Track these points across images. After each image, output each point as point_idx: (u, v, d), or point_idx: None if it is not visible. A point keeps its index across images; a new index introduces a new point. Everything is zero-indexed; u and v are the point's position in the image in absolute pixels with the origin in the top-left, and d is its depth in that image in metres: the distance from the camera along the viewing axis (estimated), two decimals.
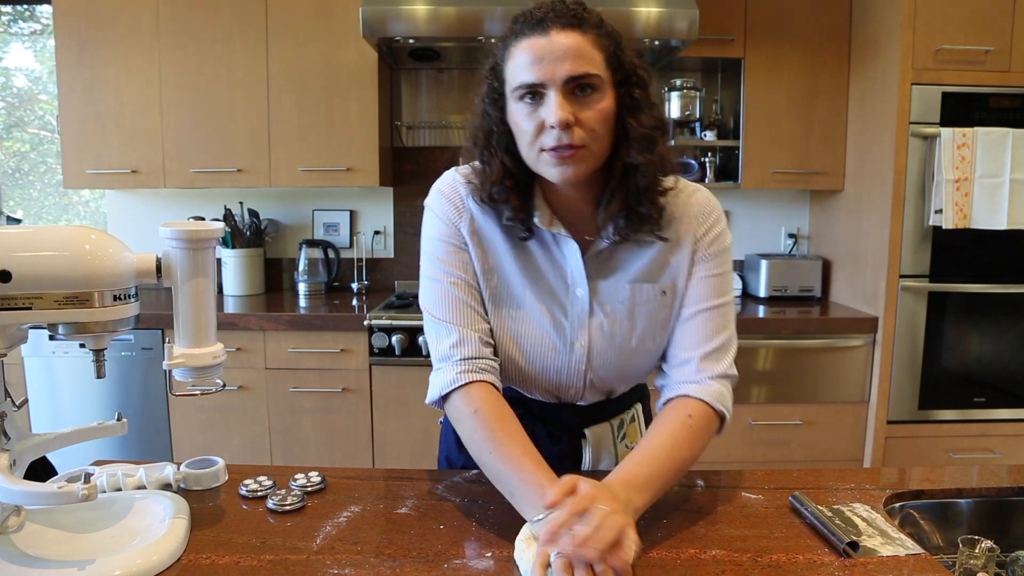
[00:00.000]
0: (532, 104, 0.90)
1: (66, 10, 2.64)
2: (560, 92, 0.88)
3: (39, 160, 3.44)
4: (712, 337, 1.01)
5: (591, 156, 0.92)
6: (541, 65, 0.88)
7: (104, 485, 1.01)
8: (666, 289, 1.02)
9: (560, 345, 1.03)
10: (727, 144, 2.85)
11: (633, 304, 1.02)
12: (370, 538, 0.91)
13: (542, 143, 0.91)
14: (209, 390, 0.96)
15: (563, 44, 0.88)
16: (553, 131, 0.89)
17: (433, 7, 2.37)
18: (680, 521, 0.96)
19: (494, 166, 0.97)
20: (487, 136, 0.98)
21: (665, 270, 1.02)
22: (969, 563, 0.90)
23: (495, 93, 0.96)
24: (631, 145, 0.92)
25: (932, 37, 2.35)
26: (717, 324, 1.02)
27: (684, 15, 2.39)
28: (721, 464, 2.60)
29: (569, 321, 1.02)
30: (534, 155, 0.93)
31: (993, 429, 2.53)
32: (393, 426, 2.54)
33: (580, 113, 0.89)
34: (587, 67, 0.88)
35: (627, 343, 1.03)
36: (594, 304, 1.02)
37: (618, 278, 1.02)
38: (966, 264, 2.45)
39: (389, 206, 3.10)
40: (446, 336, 1.00)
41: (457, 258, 1.02)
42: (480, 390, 0.96)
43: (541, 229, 1.00)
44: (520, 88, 0.90)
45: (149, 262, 0.87)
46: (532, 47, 0.89)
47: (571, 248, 1.00)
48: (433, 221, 1.05)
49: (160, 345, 2.53)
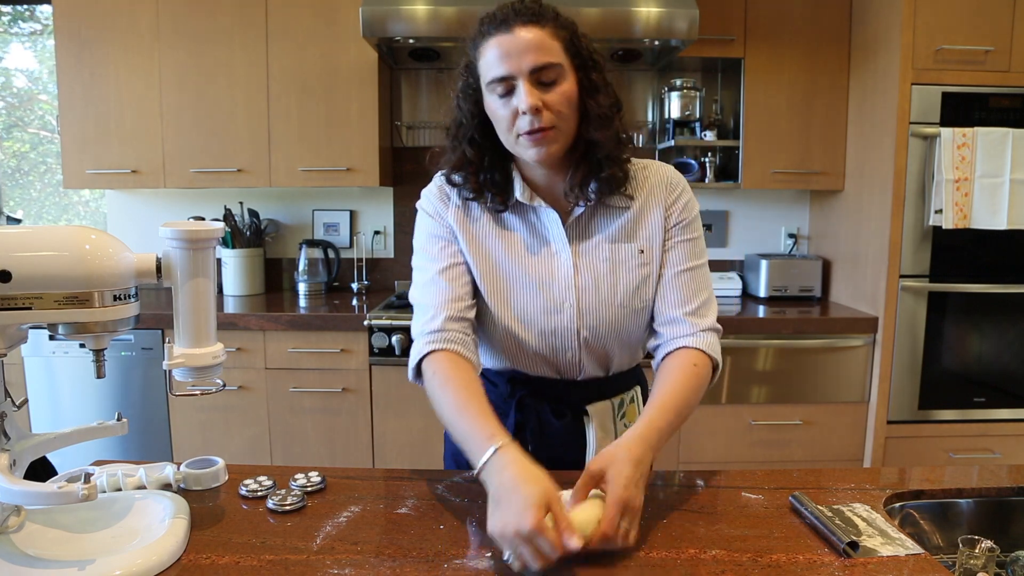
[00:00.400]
0: (505, 95, 1.02)
1: (66, 10, 2.64)
2: (528, 81, 1.00)
3: (39, 160, 3.44)
4: (696, 294, 1.11)
5: (561, 135, 1.04)
6: (509, 59, 1.00)
7: (104, 485, 1.01)
8: (643, 248, 1.12)
9: (550, 306, 1.11)
10: (727, 144, 2.85)
11: (614, 262, 1.11)
12: (370, 538, 0.91)
13: (518, 128, 1.02)
14: (209, 390, 0.96)
15: (526, 39, 0.99)
16: (526, 116, 1.00)
17: (433, 7, 2.37)
18: (680, 521, 0.96)
19: (456, 154, 1.11)
20: (457, 128, 1.11)
21: (640, 231, 1.12)
22: (969, 563, 0.90)
23: (469, 88, 1.07)
24: (591, 124, 1.05)
25: (932, 37, 2.35)
26: (699, 283, 1.12)
27: (684, 15, 2.39)
28: (721, 464, 2.60)
29: (556, 282, 1.10)
30: (512, 139, 1.05)
31: (993, 429, 2.53)
32: (393, 426, 2.54)
33: (547, 98, 1.01)
34: (548, 57, 1.00)
35: (612, 299, 1.11)
36: (578, 264, 1.11)
37: (598, 239, 1.12)
38: (966, 264, 2.45)
39: (389, 206, 3.10)
40: (420, 316, 1.10)
41: (440, 249, 1.13)
42: (442, 356, 1.04)
43: (523, 204, 1.11)
44: (493, 81, 1.02)
45: (149, 262, 0.87)
46: (499, 44, 1.00)
47: (551, 216, 1.11)
48: (421, 218, 1.18)
49: (160, 345, 2.53)
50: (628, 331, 1.14)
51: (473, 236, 1.13)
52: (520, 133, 1.02)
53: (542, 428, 1.17)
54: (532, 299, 1.10)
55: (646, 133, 3.06)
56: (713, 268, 3.11)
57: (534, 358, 1.14)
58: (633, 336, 1.15)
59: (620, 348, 1.15)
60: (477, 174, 1.10)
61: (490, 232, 1.13)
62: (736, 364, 2.53)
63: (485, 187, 1.11)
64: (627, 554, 0.87)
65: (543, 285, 1.10)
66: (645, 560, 0.86)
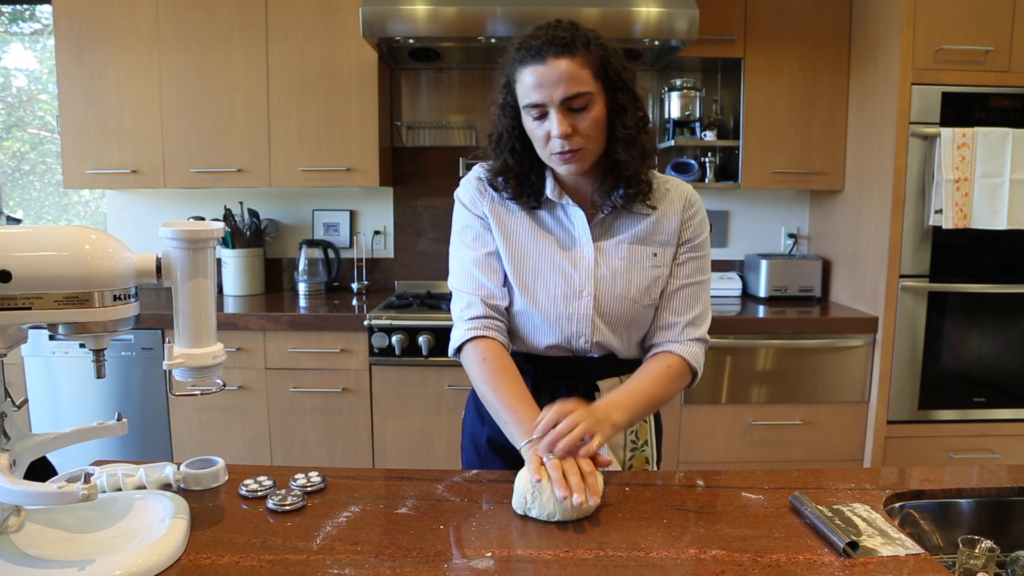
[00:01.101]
0: (539, 118, 1.13)
1: (66, 10, 2.64)
2: (559, 110, 1.10)
3: (39, 160, 3.44)
4: (695, 306, 1.25)
5: (589, 154, 1.15)
6: (542, 89, 1.10)
7: (104, 485, 1.01)
8: (657, 252, 1.23)
9: (570, 292, 1.21)
10: (727, 144, 2.85)
11: (631, 261, 1.22)
12: (370, 538, 0.91)
13: (550, 148, 1.14)
14: (209, 390, 0.96)
15: (557, 70, 1.08)
16: (556, 140, 1.11)
17: (433, 7, 2.37)
18: (680, 521, 0.96)
19: (499, 163, 1.22)
20: (498, 139, 1.22)
21: (656, 237, 1.24)
22: (969, 563, 0.90)
23: (508, 106, 1.18)
24: (618, 144, 1.15)
25: (932, 37, 2.35)
26: (699, 297, 1.26)
27: (684, 15, 2.39)
28: (721, 464, 2.60)
29: (578, 272, 1.21)
30: (546, 155, 1.17)
31: (993, 429, 2.53)
32: (393, 426, 2.54)
33: (577, 124, 1.11)
34: (578, 87, 1.09)
35: (627, 292, 1.22)
36: (598, 259, 1.22)
37: (618, 240, 1.23)
38: (966, 264, 2.45)
39: (389, 206, 3.10)
40: (459, 301, 1.24)
41: (476, 238, 1.25)
42: (486, 344, 1.19)
43: (553, 201, 1.22)
44: (529, 107, 1.13)
45: (149, 262, 0.87)
46: (534, 72, 1.10)
47: (578, 214, 1.22)
48: (458, 209, 1.29)
49: (160, 345, 2.53)
50: (636, 324, 1.25)
51: (506, 225, 1.24)
52: (552, 152, 1.14)
53: None
54: (555, 285, 1.21)
55: None
56: (713, 268, 3.10)
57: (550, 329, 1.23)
58: (639, 331, 1.26)
59: (627, 342, 1.26)
60: (517, 179, 1.22)
61: (522, 223, 1.24)
62: (736, 364, 2.53)
63: (523, 189, 1.22)
64: (627, 553, 0.87)
65: (566, 273, 1.21)
66: (645, 560, 0.86)
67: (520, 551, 0.87)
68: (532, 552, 0.87)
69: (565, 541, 0.90)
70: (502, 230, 1.24)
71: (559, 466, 0.96)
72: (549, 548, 0.88)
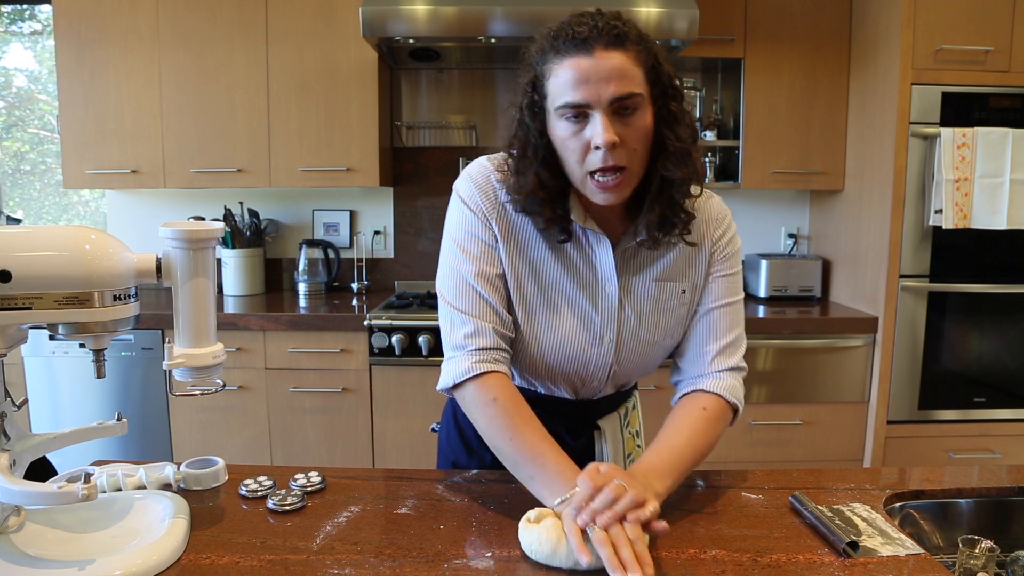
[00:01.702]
0: (576, 123, 0.92)
1: (66, 10, 2.64)
2: (605, 113, 0.90)
3: (39, 160, 3.43)
4: (727, 333, 1.07)
5: (633, 178, 0.96)
6: (587, 86, 0.89)
7: (104, 485, 1.01)
8: (686, 288, 1.07)
9: (590, 337, 1.06)
10: (727, 144, 2.85)
11: (658, 301, 1.06)
12: (370, 538, 0.91)
13: (588, 164, 0.93)
14: (209, 390, 0.96)
15: (608, 65, 0.89)
16: (599, 151, 0.91)
17: (433, 7, 2.37)
18: (680, 521, 0.96)
19: (528, 178, 0.98)
20: (523, 147, 0.99)
21: (686, 270, 1.07)
22: (969, 563, 0.90)
23: (535, 107, 0.96)
24: (668, 159, 0.95)
25: (932, 37, 2.35)
26: (731, 320, 1.08)
27: (684, 15, 2.39)
28: (721, 464, 2.60)
29: (600, 315, 1.05)
30: (580, 176, 0.95)
31: (993, 429, 2.53)
32: (393, 426, 2.54)
33: (624, 132, 0.91)
34: (631, 87, 0.90)
35: (652, 338, 1.07)
36: (623, 299, 1.05)
37: (645, 276, 1.06)
38: (966, 264, 2.45)
39: (389, 206, 3.10)
40: (461, 326, 1.01)
41: (481, 251, 1.03)
42: (496, 380, 0.99)
43: (575, 225, 1.02)
44: (565, 108, 0.92)
45: (149, 262, 0.87)
46: (577, 67, 0.90)
47: (604, 245, 1.03)
48: (463, 210, 1.05)
49: (160, 345, 2.53)
50: (655, 363, 1.12)
51: (516, 245, 1.04)
52: (591, 171, 0.93)
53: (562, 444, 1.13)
54: (573, 327, 1.05)
55: None
56: None
57: (557, 380, 1.11)
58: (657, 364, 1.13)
59: (641, 374, 1.16)
60: (552, 203, 0.99)
61: (536, 247, 1.04)
62: None
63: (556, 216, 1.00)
64: None
65: (586, 315, 1.05)
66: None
67: (520, 551, 0.87)
68: None
69: None
70: (511, 251, 1.03)
71: (607, 540, 0.79)
72: None
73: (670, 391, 1.14)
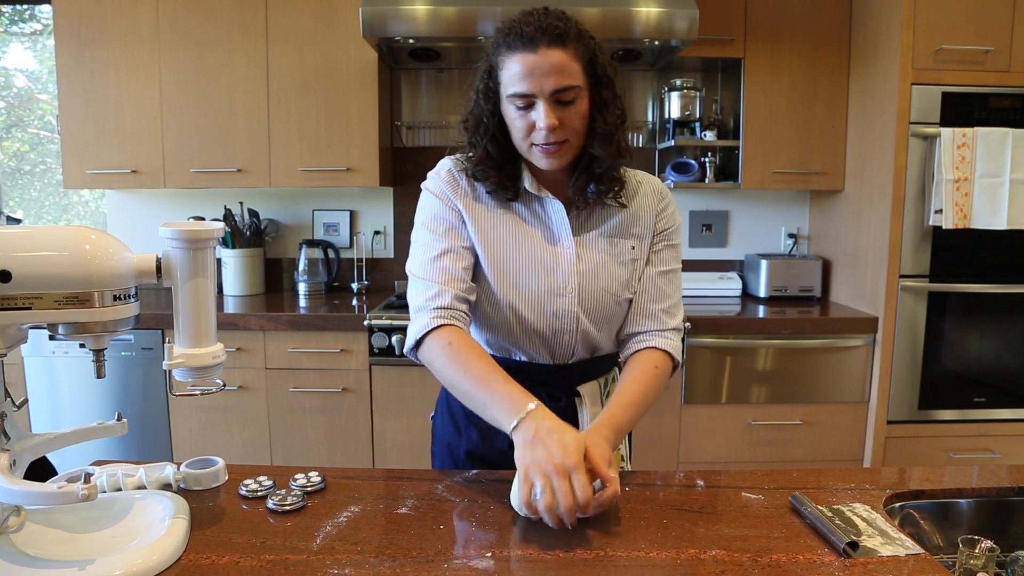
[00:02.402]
0: (524, 107, 1.08)
1: (66, 10, 2.64)
2: (547, 102, 1.06)
3: (39, 160, 3.44)
4: (671, 294, 1.24)
5: (572, 148, 1.12)
6: (532, 79, 1.05)
7: (104, 485, 1.01)
8: (635, 244, 1.22)
9: (554, 289, 1.17)
10: (727, 144, 2.85)
11: (611, 254, 1.19)
12: (370, 538, 0.91)
13: (533, 139, 1.10)
14: (209, 390, 0.96)
15: (549, 61, 1.05)
16: (542, 132, 1.07)
17: (433, 7, 2.37)
18: (680, 521, 0.96)
19: (479, 151, 1.16)
20: (476, 125, 1.16)
21: (633, 229, 1.22)
22: (969, 563, 0.90)
23: (489, 91, 1.13)
24: (596, 139, 1.12)
25: (932, 37, 2.35)
26: (675, 284, 1.25)
27: (684, 15, 2.39)
28: (721, 464, 2.60)
29: (560, 267, 1.17)
30: (526, 147, 1.12)
31: (993, 429, 2.53)
32: (393, 426, 2.54)
33: (563, 116, 1.08)
34: (569, 80, 1.06)
35: (609, 287, 1.19)
36: (580, 254, 1.18)
37: (597, 232, 1.20)
38: (966, 264, 2.45)
39: (389, 206, 3.10)
40: (424, 291, 1.14)
41: (446, 229, 1.17)
42: (451, 330, 1.10)
43: (530, 194, 1.18)
44: (514, 96, 1.08)
45: (149, 262, 0.87)
46: (523, 61, 1.06)
47: (556, 207, 1.18)
48: (428, 198, 1.21)
49: (160, 345, 2.53)
50: (614, 319, 1.22)
51: (482, 220, 1.18)
52: (535, 143, 1.10)
53: None
54: (538, 282, 1.16)
55: (646, 133, 3.06)
56: (713, 268, 3.13)
57: (533, 340, 1.20)
58: (616, 325, 1.24)
59: (608, 334, 1.23)
60: (497, 168, 1.16)
61: (499, 218, 1.19)
62: (736, 364, 2.53)
63: (504, 180, 1.17)
64: (627, 554, 0.87)
65: (548, 270, 1.17)
66: (645, 560, 0.86)
67: (520, 551, 0.87)
68: (532, 552, 0.87)
69: (565, 541, 0.90)
70: (479, 226, 1.18)
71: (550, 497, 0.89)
72: (549, 548, 0.88)
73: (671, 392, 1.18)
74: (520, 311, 1.17)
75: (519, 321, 1.18)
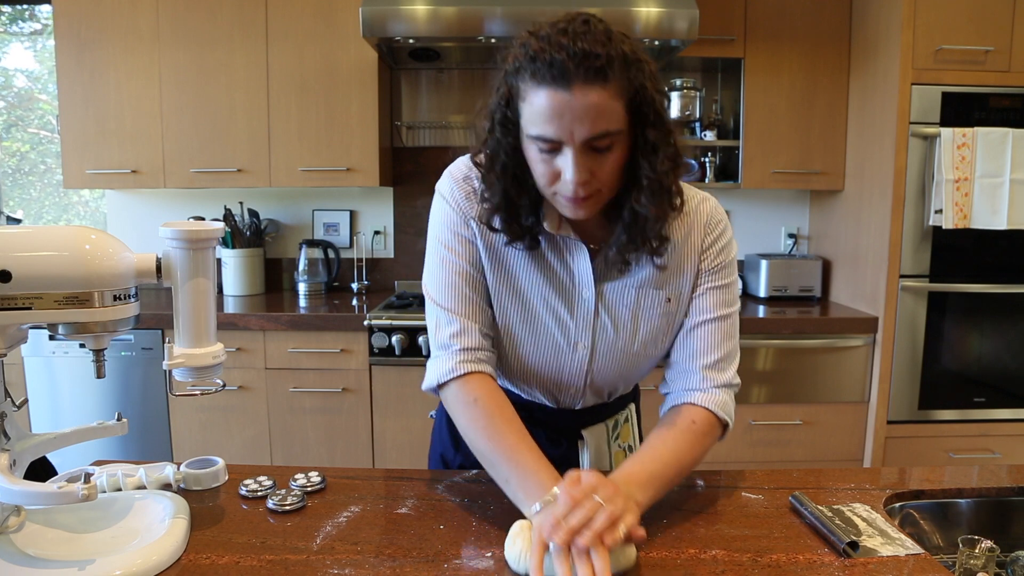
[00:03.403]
0: (549, 152, 0.88)
1: (66, 10, 2.64)
2: (578, 151, 0.86)
3: (39, 160, 3.44)
4: (717, 347, 1.02)
5: (603, 198, 0.93)
6: (560, 123, 0.84)
7: (104, 485, 1.01)
8: (671, 297, 1.03)
9: (563, 343, 1.04)
10: (727, 144, 2.85)
11: (638, 309, 1.03)
12: (370, 538, 0.91)
13: (556, 189, 0.90)
14: (209, 390, 0.96)
15: (585, 103, 0.83)
16: (569, 184, 0.88)
17: (433, 7, 2.37)
18: (680, 521, 0.96)
19: (495, 194, 0.96)
20: (491, 161, 0.95)
21: (671, 279, 1.03)
22: (969, 563, 0.90)
23: (508, 123, 0.92)
24: (641, 192, 0.91)
25: (932, 37, 2.35)
26: (723, 334, 1.03)
27: (684, 15, 2.39)
28: (721, 464, 2.60)
29: (574, 321, 1.03)
30: (548, 193, 0.93)
31: (993, 429, 2.53)
32: (393, 426, 2.54)
33: (596, 168, 0.88)
34: (606, 125, 0.85)
35: (629, 347, 1.05)
36: (599, 306, 1.03)
37: (624, 283, 1.02)
38: (966, 264, 2.45)
39: (389, 206, 3.10)
40: (447, 325, 1.01)
41: (465, 248, 1.02)
42: (479, 380, 0.98)
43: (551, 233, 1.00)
44: (537, 138, 0.88)
45: (149, 262, 0.87)
46: (552, 100, 0.84)
47: (580, 251, 1.01)
48: (444, 208, 1.04)
49: (160, 345, 2.53)
50: (638, 373, 1.11)
51: (496, 250, 1.03)
52: (559, 194, 0.91)
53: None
54: (547, 330, 1.04)
55: None
56: None
57: (535, 380, 1.10)
58: (642, 373, 1.11)
59: (625, 384, 1.14)
60: (519, 218, 0.97)
61: (516, 251, 1.02)
62: None
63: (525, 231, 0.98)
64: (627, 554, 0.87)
65: (561, 321, 1.03)
66: (645, 560, 0.86)
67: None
68: None
69: None
70: (491, 254, 1.03)
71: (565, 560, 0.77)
72: None
73: None
74: (521, 356, 1.06)
75: (520, 364, 1.07)
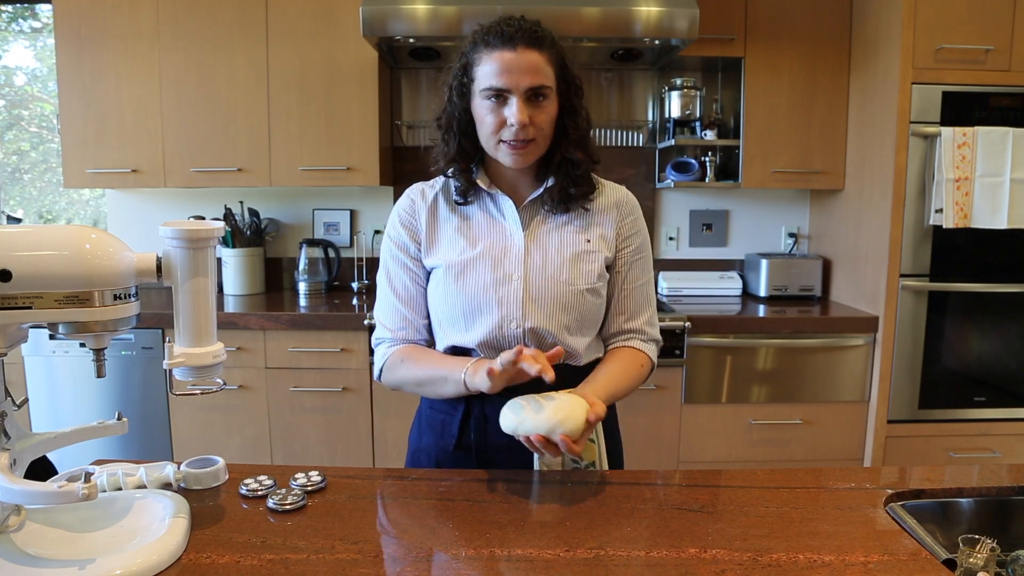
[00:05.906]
0: (496, 103, 1.13)
1: (66, 10, 2.64)
2: (521, 98, 1.11)
3: (39, 159, 3.44)
4: (648, 307, 1.30)
5: (539, 148, 1.17)
6: (508, 75, 1.11)
7: (104, 484, 1.01)
8: (591, 239, 1.23)
9: (501, 276, 1.20)
10: (727, 143, 2.84)
11: (562, 244, 1.22)
12: (370, 538, 0.91)
13: (501, 136, 1.14)
14: (209, 389, 0.96)
15: (527, 60, 1.11)
16: (512, 128, 1.12)
17: (433, 6, 2.37)
18: (680, 521, 0.96)
19: (452, 146, 1.20)
20: (449, 121, 1.20)
21: (590, 228, 1.24)
22: (969, 563, 0.90)
23: (464, 88, 1.17)
24: (570, 144, 1.19)
25: (932, 36, 2.35)
26: (649, 296, 1.31)
27: (684, 14, 2.39)
28: (721, 464, 2.60)
29: (507, 259, 1.20)
30: (492, 143, 1.16)
31: (993, 429, 2.53)
32: (393, 426, 2.54)
33: (534, 115, 1.13)
34: (543, 80, 1.12)
35: (559, 275, 1.20)
36: (529, 244, 1.21)
37: (549, 224, 1.24)
38: (966, 264, 2.45)
39: (389, 205, 3.10)
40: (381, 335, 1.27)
41: (403, 269, 1.25)
42: (404, 348, 1.23)
43: (484, 195, 1.24)
44: (489, 90, 1.12)
45: (149, 261, 0.87)
46: (501, 58, 1.11)
47: (507, 203, 1.23)
48: (386, 239, 1.28)
49: (160, 344, 2.53)
50: (573, 310, 1.20)
51: (439, 233, 1.25)
52: (503, 140, 1.14)
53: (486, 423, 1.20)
54: (485, 273, 1.19)
55: (646, 133, 3.06)
56: (713, 267, 3.13)
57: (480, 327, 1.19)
58: (575, 321, 1.21)
59: (564, 331, 1.20)
60: (468, 171, 1.22)
61: (455, 226, 1.24)
62: (736, 364, 2.53)
63: (471, 184, 1.22)
64: (627, 553, 0.87)
65: (497, 261, 1.20)
66: (645, 560, 0.86)
67: (520, 551, 0.87)
68: (532, 552, 0.87)
69: (565, 541, 0.90)
70: (436, 238, 1.24)
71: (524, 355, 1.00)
72: (549, 548, 0.88)
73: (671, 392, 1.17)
74: (470, 293, 1.20)
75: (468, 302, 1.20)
